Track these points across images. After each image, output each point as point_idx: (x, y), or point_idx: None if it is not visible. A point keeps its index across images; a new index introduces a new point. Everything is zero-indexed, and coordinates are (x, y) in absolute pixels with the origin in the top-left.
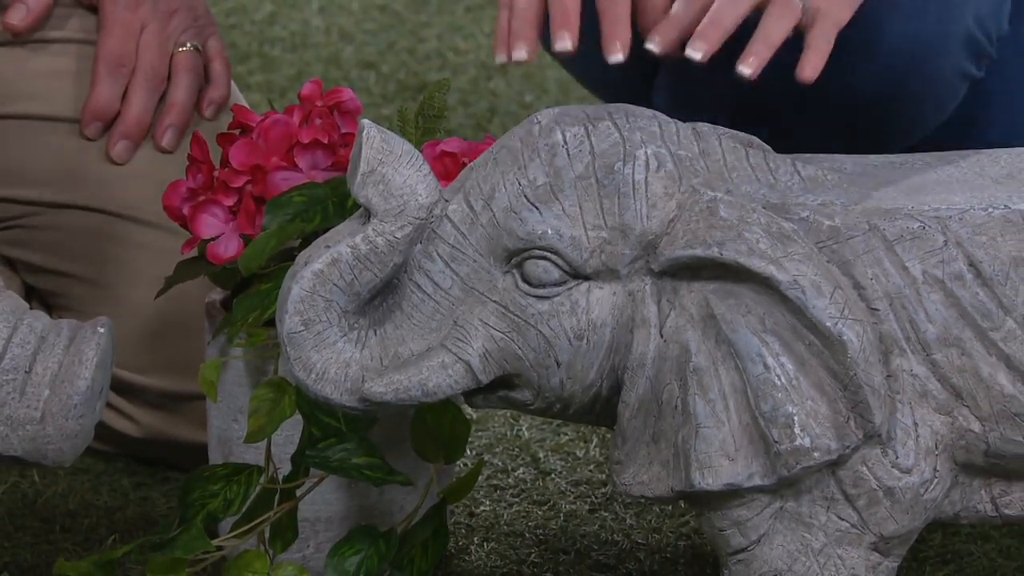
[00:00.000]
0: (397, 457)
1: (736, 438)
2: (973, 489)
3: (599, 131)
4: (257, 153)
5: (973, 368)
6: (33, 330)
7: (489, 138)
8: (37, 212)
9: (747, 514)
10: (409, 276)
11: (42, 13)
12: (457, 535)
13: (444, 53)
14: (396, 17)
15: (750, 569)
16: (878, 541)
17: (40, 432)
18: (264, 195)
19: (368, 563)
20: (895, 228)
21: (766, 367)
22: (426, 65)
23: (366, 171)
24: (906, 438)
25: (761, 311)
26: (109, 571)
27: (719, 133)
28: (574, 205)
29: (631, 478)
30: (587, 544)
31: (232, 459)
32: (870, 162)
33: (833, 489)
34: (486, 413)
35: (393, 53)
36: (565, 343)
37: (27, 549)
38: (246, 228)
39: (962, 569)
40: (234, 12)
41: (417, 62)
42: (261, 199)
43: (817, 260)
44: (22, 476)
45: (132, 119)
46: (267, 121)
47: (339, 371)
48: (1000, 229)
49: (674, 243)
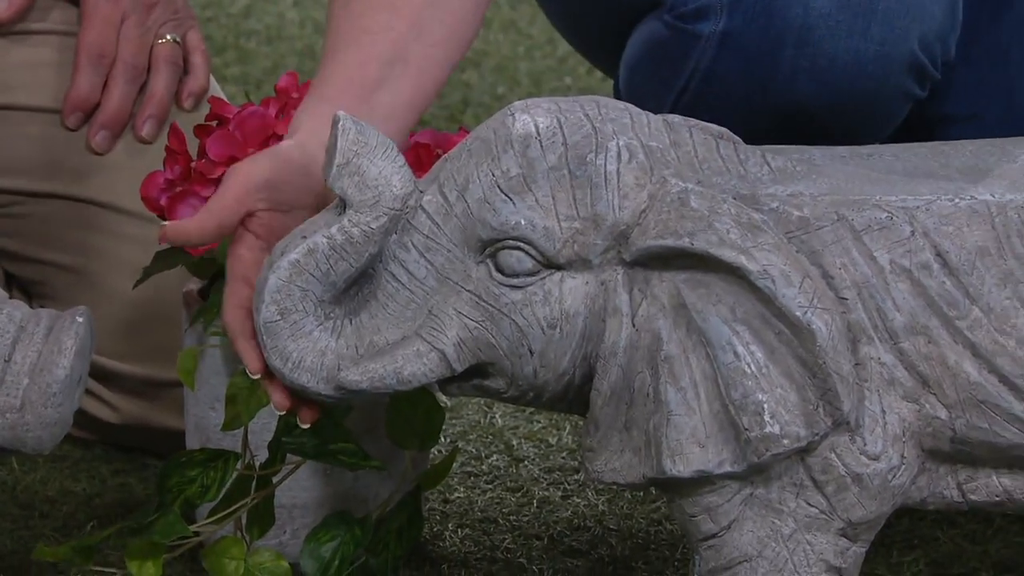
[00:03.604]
0: (373, 444)
1: (707, 425)
2: (939, 475)
3: (571, 123)
4: (234, 144)
5: (940, 356)
6: (12, 319)
7: (462, 129)
8: (17, 201)
9: (717, 500)
10: (384, 266)
11: (24, 5)
12: (432, 521)
13: None
14: None
15: (720, 554)
16: (846, 527)
17: (19, 420)
18: None
19: (344, 549)
20: (863, 218)
21: (736, 355)
22: None
23: (341, 162)
24: (874, 425)
25: (731, 300)
26: (88, 556)
27: (690, 125)
28: (547, 196)
29: (603, 465)
30: (560, 530)
31: (209, 446)
32: (838, 153)
33: (802, 476)
34: (460, 401)
35: None
36: (538, 332)
37: (6, 535)
38: None
39: (928, 554)
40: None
41: None
42: None
43: (786, 250)
44: (1, 464)
45: (112, 110)
46: (243, 113)
47: (315, 360)
48: (966, 219)
49: (646, 233)
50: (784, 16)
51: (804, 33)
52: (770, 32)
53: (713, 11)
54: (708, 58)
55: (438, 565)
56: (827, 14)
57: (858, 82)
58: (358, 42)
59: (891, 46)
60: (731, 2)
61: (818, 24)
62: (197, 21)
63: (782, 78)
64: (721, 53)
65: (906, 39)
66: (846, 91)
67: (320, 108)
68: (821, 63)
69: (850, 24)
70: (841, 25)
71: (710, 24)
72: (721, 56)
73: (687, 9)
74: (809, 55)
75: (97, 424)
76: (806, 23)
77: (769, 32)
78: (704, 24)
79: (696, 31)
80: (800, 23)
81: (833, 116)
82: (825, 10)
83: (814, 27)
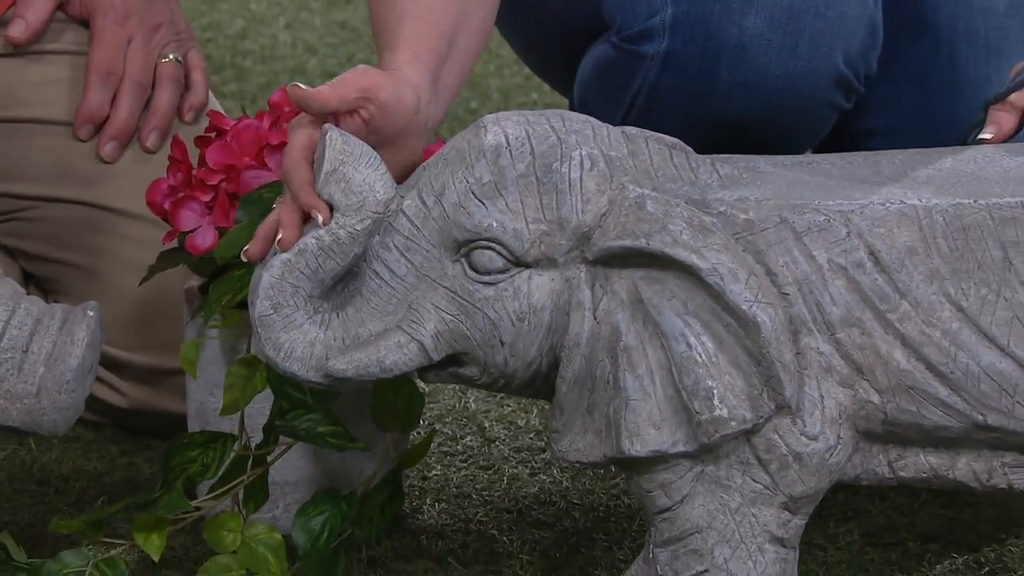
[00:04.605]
0: (358, 427)
1: (662, 409)
2: (872, 454)
3: (538, 134)
4: (231, 154)
5: (872, 346)
6: (29, 313)
7: (440, 141)
8: (34, 206)
9: (671, 477)
10: (368, 264)
11: (40, 27)
12: (411, 497)
13: None
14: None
15: (674, 526)
16: (788, 501)
17: (36, 405)
18: (237, 192)
19: (332, 522)
20: (803, 221)
21: (688, 346)
22: None
23: (329, 170)
24: (813, 409)
25: (684, 295)
26: (98, 529)
27: (646, 136)
28: (516, 201)
29: (568, 445)
30: (528, 504)
31: (209, 429)
32: (781, 162)
33: (748, 455)
34: (437, 387)
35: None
36: (508, 324)
37: (25, 510)
38: (221, 221)
39: (861, 525)
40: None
41: None
42: (235, 195)
43: (734, 250)
44: (20, 444)
45: (120, 122)
46: (240, 125)
47: (305, 350)
48: (896, 222)
49: (606, 235)
50: (720, 37)
51: (739, 52)
52: (708, 52)
53: (656, 33)
54: (653, 76)
55: (417, 536)
56: (759, 34)
57: (789, 95)
58: (427, 16)
59: (818, 62)
60: (672, 24)
61: (751, 43)
62: (197, 42)
63: (720, 93)
64: (664, 71)
65: (831, 56)
66: (778, 104)
67: (417, 69)
68: (755, 79)
69: (780, 43)
70: (772, 44)
71: (654, 45)
72: (664, 74)
73: (632, 32)
74: (744, 72)
75: (107, 408)
76: (740, 43)
77: (707, 52)
78: (648, 45)
79: (641, 52)
80: (735, 43)
81: (767, 127)
82: (757, 31)
83: (748, 46)
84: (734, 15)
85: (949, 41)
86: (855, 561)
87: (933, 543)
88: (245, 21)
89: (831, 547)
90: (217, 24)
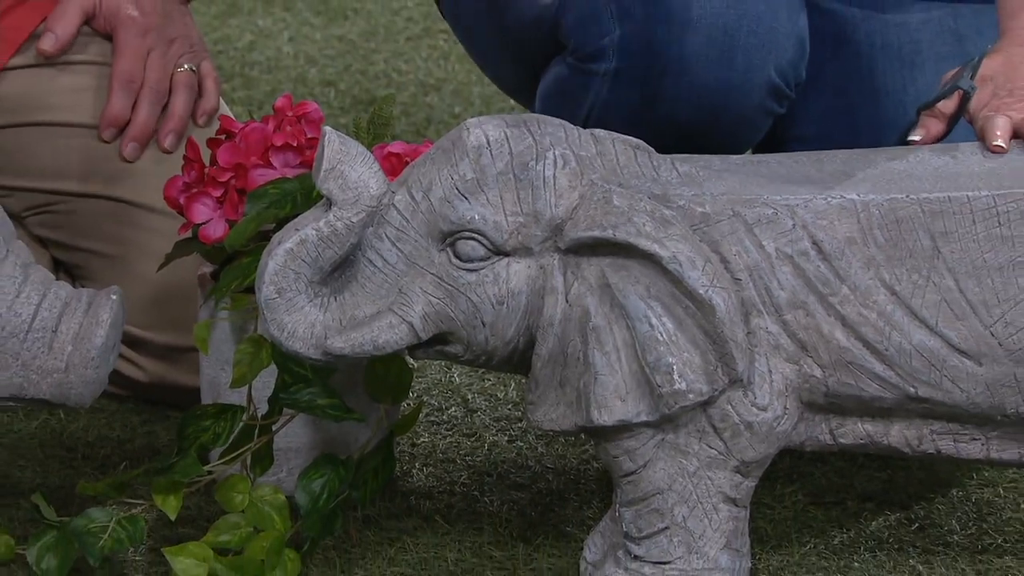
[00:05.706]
0: (353, 399)
1: (627, 383)
2: (815, 423)
3: (516, 136)
4: (239, 154)
5: (815, 326)
6: (59, 297)
7: (427, 142)
8: (63, 200)
9: (635, 444)
10: (363, 253)
11: (68, 40)
12: (402, 462)
13: (390, 74)
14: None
15: (638, 488)
16: (740, 465)
17: (64, 379)
18: (245, 188)
19: (330, 485)
20: (754, 214)
21: (651, 326)
22: (375, 83)
23: (327, 168)
24: (762, 382)
25: (647, 281)
26: (121, 491)
27: (613, 138)
28: (496, 196)
29: (542, 415)
30: (506, 468)
31: (220, 401)
32: (734, 161)
33: (704, 424)
34: (425, 363)
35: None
36: (489, 307)
37: (55, 473)
38: (231, 214)
39: (805, 486)
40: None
41: (368, 81)
42: (243, 191)
43: (692, 240)
44: (50, 415)
45: (140, 126)
46: (247, 128)
47: (306, 330)
48: (837, 214)
49: (577, 226)
50: (664, 54)
51: (681, 67)
52: (653, 68)
53: (606, 53)
54: (604, 92)
55: (407, 497)
56: (698, 51)
57: (728, 104)
58: None
59: (753, 73)
60: (620, 45)
61: (692, 59)
62: (209, 53)
63: (665, 104)
64: (614, 87)
65: (764, 67)
66: (718, 112)
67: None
68: (696, 90)
69: (718, 57)
70: (711, 59)
71: (604, 64)
72: (615, 89)
73: (585, 52)
74: (686, 84)
75: (128, 382)
76: (682, 58)
77: (652, 68)
78: (599, 64)
79: (593, 70)
80: (677, 59)
81: (709, 133)
82: (697, 47)
83: (689, 61)
84: (675, 34)
85: (868, 55)
86: (799, 519)
87: (869, 502)
88: (253, 35)
89: (778, 506)
90: (227, 38)
